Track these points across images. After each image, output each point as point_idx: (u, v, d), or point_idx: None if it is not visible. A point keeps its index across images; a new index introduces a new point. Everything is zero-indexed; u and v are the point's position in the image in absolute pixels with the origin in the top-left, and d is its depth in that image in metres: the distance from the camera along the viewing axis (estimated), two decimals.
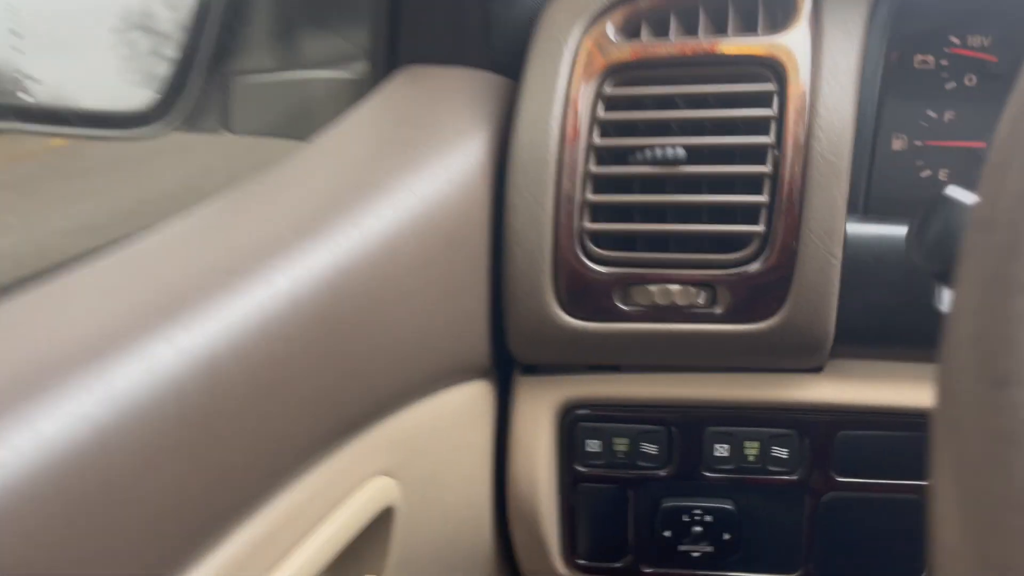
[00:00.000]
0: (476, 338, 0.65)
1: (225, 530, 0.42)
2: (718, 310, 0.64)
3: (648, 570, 0.75)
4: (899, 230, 0.63)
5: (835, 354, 0.66)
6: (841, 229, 0.61)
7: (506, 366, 0.72)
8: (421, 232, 0.57)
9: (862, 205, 0.66)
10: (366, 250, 0.52)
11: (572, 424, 0.72)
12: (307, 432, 0.47)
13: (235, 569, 0.43)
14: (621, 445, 0.72)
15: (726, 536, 0.73)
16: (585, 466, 0.72)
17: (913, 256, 0.47)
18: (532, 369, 0.71)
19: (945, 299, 0.53)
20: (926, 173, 0.72)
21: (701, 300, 0.64)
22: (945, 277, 0.45)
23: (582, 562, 0.76)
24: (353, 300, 0.50)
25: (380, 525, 0.57)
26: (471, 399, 0.68)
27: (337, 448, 0.52)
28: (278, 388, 0.44)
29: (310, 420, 0.47)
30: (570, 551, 0.76)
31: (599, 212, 0.64)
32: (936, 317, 0.65)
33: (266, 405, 0.43)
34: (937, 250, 0.45)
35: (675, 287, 0.63)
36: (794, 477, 0.70)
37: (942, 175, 0.73)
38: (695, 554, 0.74)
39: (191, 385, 0.39)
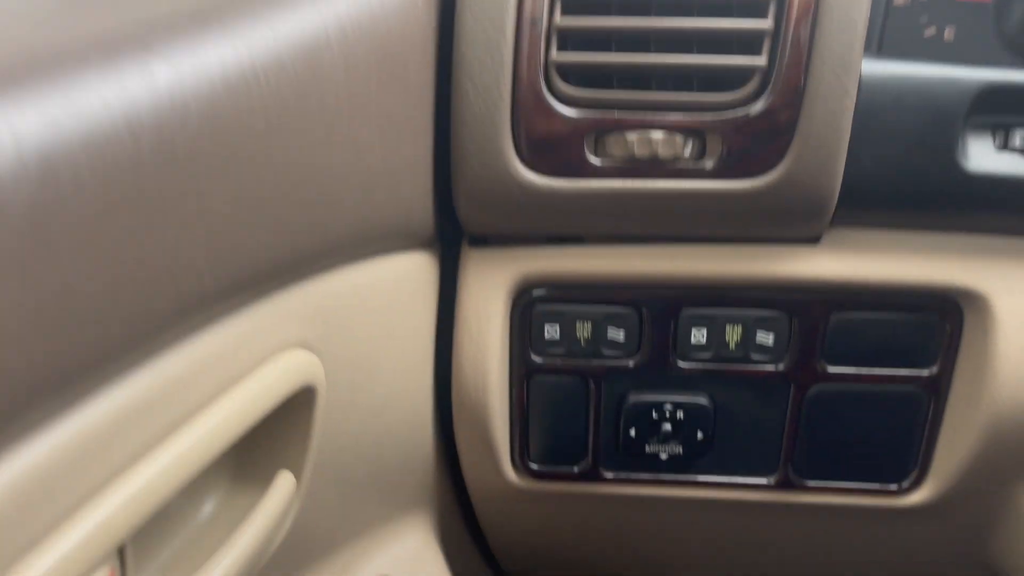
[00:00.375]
0: (417, 196, 0.54)
1: (78, 393, 0.31)
2: (708, 163, 0.53)
3: (609, 475, 0.67)
4: (923, 69, 0.54)
5: (835, 221, 0.57)
6: (858, 63, 0.51)
7: (452, 237, 0.61)
8: (350, 46, 0.44)
9: (876, 45, 0.56)
10: (279, 54, 0.40)
11: (528, 306, 0.61)
12: (195, 278, 0.36)
13: (95, 443, 0.31)
14: (584, 331, 0.62)
15: (699, 435, 0.64)
16: (541, 355, 0.63)
17: (999, 29, 0.37)
18: (482, 240, 0.60)
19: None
20: (930, 31, 0.63)
21: (688, 151, 0.54)
22: None
23: (535, 466, 0.66)
24: (260, 116, 0.38)
25: (298, 410, 0.46)
26: (410, 272, 0.57)
27: (239, 307, 0.40)
28: (151, 210, 0.33)
29: (199, 262, 0.36)
30: (521, 454, 0.66)
31: (569, 39, 0.53)
32: (958, 174, 0.57)
33: (134, 229, 0.32)
34: None
35: (657, 134, 0.53)
36: (779, 367, 0.62)
37: (948, 34, 0.64)
38: (663, 456, 0.65)
39: (17, 184, 0.27)
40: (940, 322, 0.60)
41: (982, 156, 0.55)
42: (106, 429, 0.32)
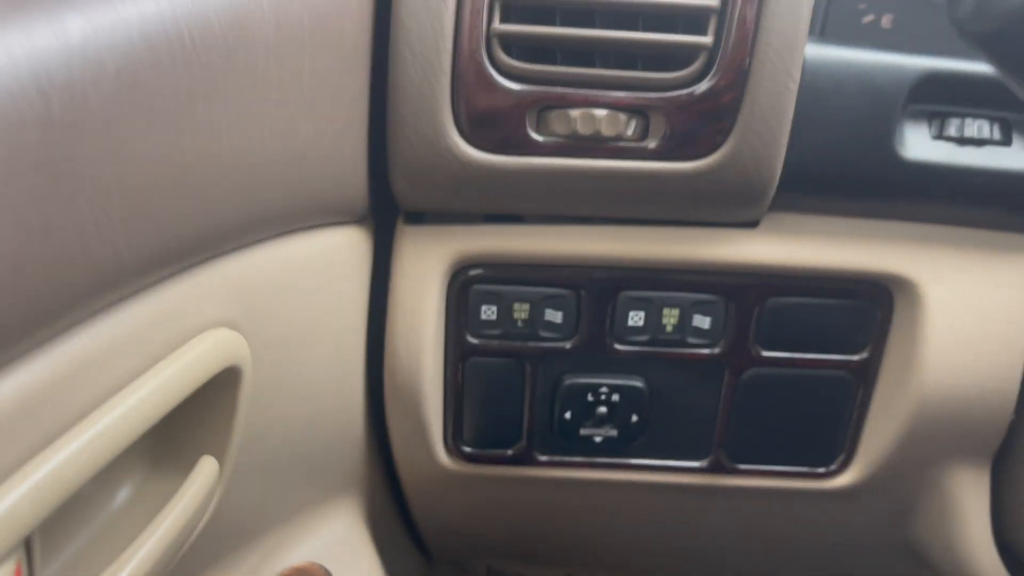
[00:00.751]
0: (350, 168, 0.51)
1: None
2: (651, 144, 0.53)
3: (543, 458, 0.66)
4: (864, 55, 0.54)
5: (775, 206, 0.57)
6: (802, 44, 0.51)
7: (387, 212, 0.59)
8: (283, 6, 0.42)
9: (819, 28, 0.56)
10: (206, 12, 0.37)
11: (465, 286, 0.60)
12: (111, 251, 0.33)
13: None
14: (521, 312, 0.61)
15: (633, 418, 0.64)
16: (478, 337, 0.61)
17: (953, 14, 0.37)
18: (418, 217, 0.59)
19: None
20: (868, 18, 0.63)
21: (631, 131, 0.53)
22: (989, 42, 0.35)
23: (468, 450, 0.65)
24: (183, 77, 0.36)
25: (222, 392, 0.43)
26: (341, 249, 0.54)
27: (159, 283, 0.38)
28: (61, 174, 0.30)
29: (115, 234, 0.33)
30: (454, 437, 0.65)
31: (513, 10, 0.51)
32: (894, 161, 0.57)
33: (42, 194, 0.29)
34: (986, 6, 0.35)
35: (601, 112, 0.52)
36: (715, 350, 0.62)
37: (885, 21, 0.64)
38: (597, 439, 0.64)
39: None
40: (871, 309, 0.61)
41: (918, 144, 0.55)
42: (11, 412, 0.29)
